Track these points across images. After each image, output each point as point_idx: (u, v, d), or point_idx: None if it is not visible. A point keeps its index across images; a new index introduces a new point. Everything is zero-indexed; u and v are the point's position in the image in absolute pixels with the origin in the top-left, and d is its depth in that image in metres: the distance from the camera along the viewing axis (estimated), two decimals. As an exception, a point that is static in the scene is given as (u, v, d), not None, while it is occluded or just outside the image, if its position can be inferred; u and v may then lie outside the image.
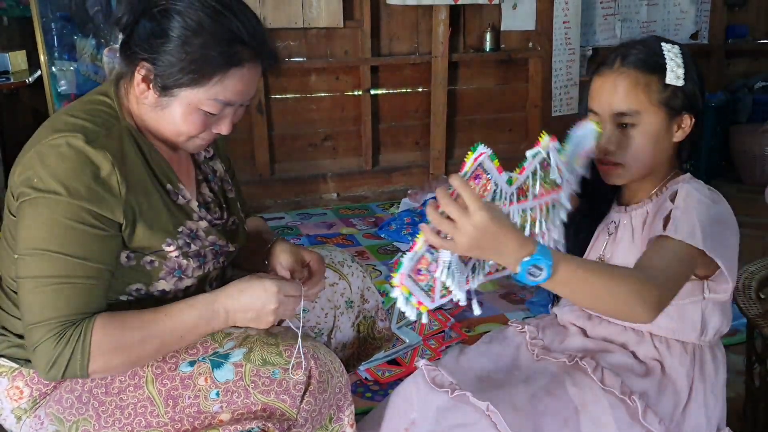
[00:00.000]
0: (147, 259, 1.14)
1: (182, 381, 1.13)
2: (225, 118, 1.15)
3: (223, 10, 1.08)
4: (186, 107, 1.11)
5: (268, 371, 1.14)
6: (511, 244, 0.93)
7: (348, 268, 1.49)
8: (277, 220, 3.59)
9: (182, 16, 1.07)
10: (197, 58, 1.07)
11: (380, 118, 4.18)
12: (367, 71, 4.01)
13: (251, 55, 1.11)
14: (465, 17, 4.15)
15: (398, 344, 2.19)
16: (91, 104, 1.15)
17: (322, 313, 1.42)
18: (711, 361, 1.30)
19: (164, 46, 1.07)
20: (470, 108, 4.33)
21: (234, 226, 1.32)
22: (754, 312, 1.52)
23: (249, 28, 1.10)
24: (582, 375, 1.23)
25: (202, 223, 1.22)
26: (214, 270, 1.25)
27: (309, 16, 3.78)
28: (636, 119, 1.21)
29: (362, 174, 4.17)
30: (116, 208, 1.07)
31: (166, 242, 1.15)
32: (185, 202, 1.20)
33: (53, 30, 3.15)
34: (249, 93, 1.15)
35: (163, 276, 1.16)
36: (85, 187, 1.04)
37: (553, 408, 1.19)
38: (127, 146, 1.12)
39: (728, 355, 2.10)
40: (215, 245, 1.23)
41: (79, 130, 1.07)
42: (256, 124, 3.87)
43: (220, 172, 1.35)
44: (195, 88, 1.09)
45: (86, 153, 1.05)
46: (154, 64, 1.08)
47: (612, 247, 1.32)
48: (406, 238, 3.23)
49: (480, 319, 2.43)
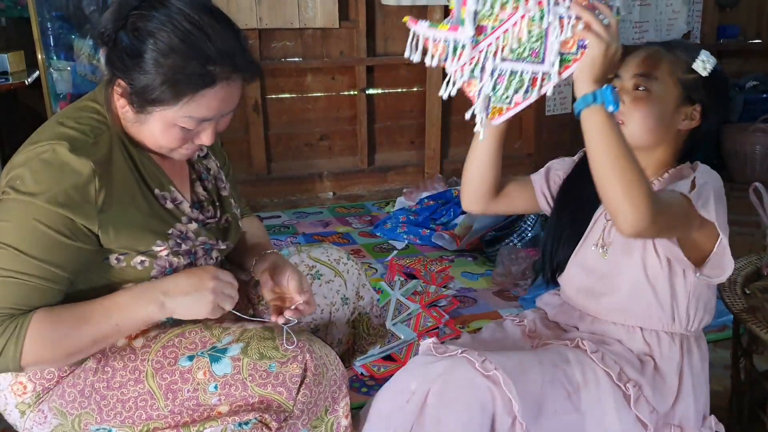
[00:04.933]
0: (137, 259, 1.17)
1: (181, 375, 1.17)
2: (205, 130, 1.17)
3: (194, 31, 1.09)
4: (162, 123, 1.13)
5: (265, 365, 1.18)
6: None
7: (344, 265, 1.52)
8: (274, 219, 3.62)
9: (154, 37, 1.08)
10: (168, 79, 1.08)
11: (376, 118, 4.21)
12: (362, 71, 4.04)
13: (226, 72, 1.11)
14: (459, 18, 4.17)
15: (393, 340, 2.23)
16: (82, 111, 1.18)
17: (318, 309, 1.45)
18: (697, 351, 1.35)
19: (137, 66, 1.09)
20: (465, 108, 4.24)
21: (227, 224, 1.35)
22: (739, 307, 1.56)
23: (221, 46, 1.10)
24: (583, 355, 1.28)
25: (192, 225, 1.24)
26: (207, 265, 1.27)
27: (304, 16, 3.81)
28: (650, 83, 1.27)
29: (358, 173, 4.20)
30: (92, 216, 1.10)
31: (156, 243, 1.17)
32: (174, 206, 1.22)
33: (50, 30, 3.16)
34: (228, 107, 1.16)
35: (154, 275, 1.19)
36: (63, 193, 1.07)
37: (558, 380, 1.22)
38: (115, 153, 1.15)
39: (716, 350, 2.17)
40: (206, 244, 1.26)
41: (65, 138, 1.11)
42: (252, 124, 3.89)
43: (214, 170, 1.37)
44: (168, 107, 1.11)
45: (68, 160, 1.09)
46: (129, 83, 1.10)
47: (611, 231, 1.34)
48: (401, 236, 3.27)
49: (474, 316, 2.47)
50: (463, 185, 1.45)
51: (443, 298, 2.57)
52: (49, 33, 3.16)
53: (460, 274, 2.85)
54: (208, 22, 1.10)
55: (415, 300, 2.53)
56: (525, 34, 1.09)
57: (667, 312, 1.30)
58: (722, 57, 4.86)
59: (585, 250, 1.38)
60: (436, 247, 3.16)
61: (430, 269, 2.88)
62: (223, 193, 1.37)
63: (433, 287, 2.67)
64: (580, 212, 1.39)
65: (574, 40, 1.08)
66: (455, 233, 3.19)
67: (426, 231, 3.26)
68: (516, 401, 1.13)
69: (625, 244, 1.30)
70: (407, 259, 2.99)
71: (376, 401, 1.28)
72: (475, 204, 1.44)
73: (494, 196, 1.41)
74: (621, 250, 1.32)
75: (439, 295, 2.59)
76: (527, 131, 4.36)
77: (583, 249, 1.38)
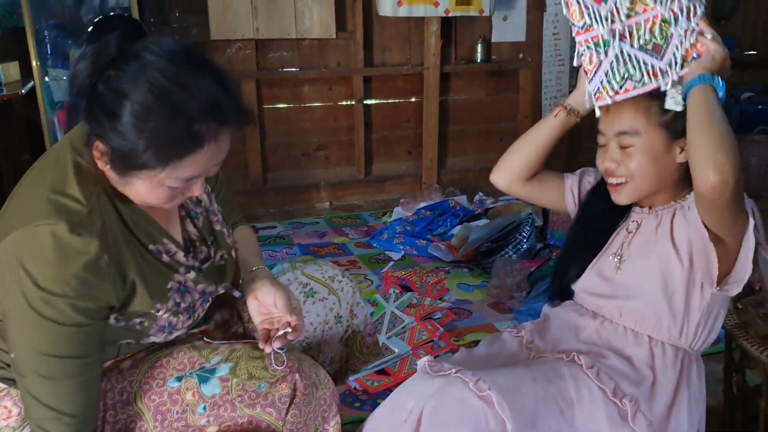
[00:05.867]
0: (136, 320, 1.13)
1: (170, 396, 1.16)
2: (194, 185, 1.10)
3: (172, 87, 0.99)
4: (148, 185, 1.05)
5: (254, 385, 1.17)
6: None
7: (338, 283, 1.50)
8: (270, 230, 3.62)
9: (129, 99, 0.98)
10: (150, 145, 0.99)
11: (373, 128, 4.22)
12: (359, 81, 4.04)
13: (212, 130, 1.02)
14: (456, 29, 4.19)
15: (387, 354, 2.22)
16: (69, 168, 1.07)
17: (311, 327, 1.44)
18: (696, 371, 1.37)
19: (114, 129, 0.99)
20: (462, 118, 4.38)
21: (222, 261, 1.29)
22: (732, 323, 1.56)
23: (205, 100, 1.00)
24: (578, 370, 1.28)
25: (190, 274, 1.18)
26: (203, 311, 1.25)
27: (302, 27, 3.82)
28: (635, 140, 1.30)
29: (355, 183, 4.20)
30: (109, 292, 1.05)
31: (155, 307, 1.13)
32: (170, 258, 1.17)
33: (47, 39, 3.16)
34: (217, 161, 1.08)
35: (153, 333, 1.16)
36: (76, 278, 1.00)
37: (552, 396, 1.23)
38: (107, 215, 1.07)
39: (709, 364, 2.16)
40: (205, 294, 1.22)
41: (62, 215, 1.01)
42: (249, 134, 3.88)
43: (204, 201, 1.30)
44: (153, 172, 1.02)
45: (72, 244, 1.00)
46: (108, 146, 1.02)
47: (630, 245, 1.38)
48: (397, 247, 3.27)
49: (469, 329, 2.46)
50: (505, 160, 1.49)
51: (438, 311, 2.57)
52: (46, 42, 3.16)
53: (455, 286, 2.85)
54: (188, 75, 1.00)
55: (410, 313, 2.53)
56: (657, 30, 1.25)
57: (677, 324, 1.32)
58: (718, 68, 4.88)
59: (604, 259, 1.41)
60: (433, 258, 3.16)
61: (426, 281, 2.88)
62: (216, 227, 1.30)
63: (429, 299, 2.67)
64: (604, 225, 1.43)
65: (691, 52, 1.25)
66: (451, 244, 3.20)
67: (423, 242, 3.26)
68: (509, 421, 1.14)
69: (645, 255, 1.34)
70: (403, 271, 2.99)
71: (374, 419, 1.28)
72: (507, 181, 1.50)
73: (528, 180, 1.48)
74: (640, 261, 1.35)
75: (434, 308, 2.59)
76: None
77: (602, 258, 1.42)
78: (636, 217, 1.41)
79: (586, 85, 1.32)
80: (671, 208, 1.35)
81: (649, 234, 1.36)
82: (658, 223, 1.35)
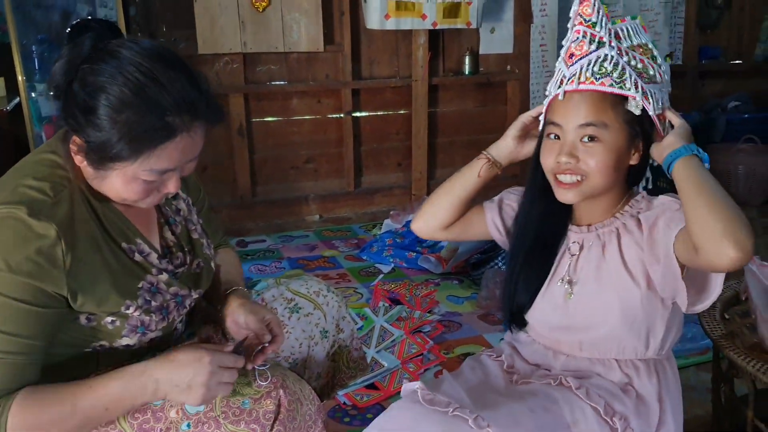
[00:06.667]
0: (108, 319, 1.14)
1: (154, 414, 1.15)
2: (169, 180, 1.13)
3: (147, 82, 1.04)
4: (123, 178, 1.09)
5: (238, 401, 1.16)
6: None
7: (323, 297, 1.50)
8: (259, 243, 3.61)
9: (105, 92, 1.03)
10: (124, 135, 1.03)
11: (362, 140, 4.23)
12: (348, 94, 4.06)
13: (185, 122, 1.07)
14: (444, 41, 4.22)
15: (377, 368, 2.21)
16: (42, 165, 1.12)
17: (296, 343, 1.43)
18: (670, 370, 1.35)
19: (91, 123, 1.04)
20: (451, 130, 4.39)
21: (198, 269, 1.31)
22: (718, 333, 1.56)
23: (178, 95, 1.05)
24: (569, 392, 1.25)
25: (162, 276, 1.20)
26: (179, 316, 1.26)
27: (289, 40, 3.83)
28: (602, 133, 1.21)
29: (344, 195, 4.20)
30: (60, 280, 1.05)
31: (125, 305, 1.14)
32: (143, 258, 1.19)
33: (35, 53, 3.16)
34: (190, 155, 1.12)
35: (126, 333, 1.16)
36: (28, 260, 1.02)
37: (549, 425, 1.20)
38: (78, 210, 1.10)
39: (698, 374, 2.17)
40: (177, 296, 1.23)
41: (24, 200, 1.05)
42: (237, 148, 3.90)
43: (184, 210, 1.33)
44: (127, 163, 1.07)
45: (29, 225, 1.03)
46: (85, 140, 1.06)
47: (578, 267, 1.32)
48: (387, 259, 3.26)
49: (458, 341, 2.46)
50: (426, 211, 1.45)
51: (428, 324, 2.56)
52: (33, 56, 3.15)
53: (445, 298, 2.84)
54: (162, 71, 1.05)
55: (399, 326, 2.52)
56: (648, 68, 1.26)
57: (642, 341, 1.29)
58: (704, 78, 4.94)
59: (552, 287, 1.35)
60: (423, 270, 3.16)
61: (416, 293, 2.87)
62: (194, 236, 1.33)
63: (418, 313, 2.66)
64: (542, 249, 1.36)
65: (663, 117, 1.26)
66: (441, 256, 3.20)
67: (412, 254, 3.26)
68: None
69: (598, 281, 1.29)
70: (393, 284, 2.98)
71: None
72: (429, 230, 1.46)
73: (450, 226, 1.44)
74: (594, 288, 1.29)
75: (424, 321, 2.58)
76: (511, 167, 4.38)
77: (550, 287, 1.35)
78: (576, 238, 1.34)
79: (564, 70, 1.25)
80: (612, 227, 1.30)
81: (597, 258, 1.30)
82: (604, 246, 1.30)
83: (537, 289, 1.36)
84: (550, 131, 1.27)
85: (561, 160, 1.23)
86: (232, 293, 1.35)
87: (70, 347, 1.15)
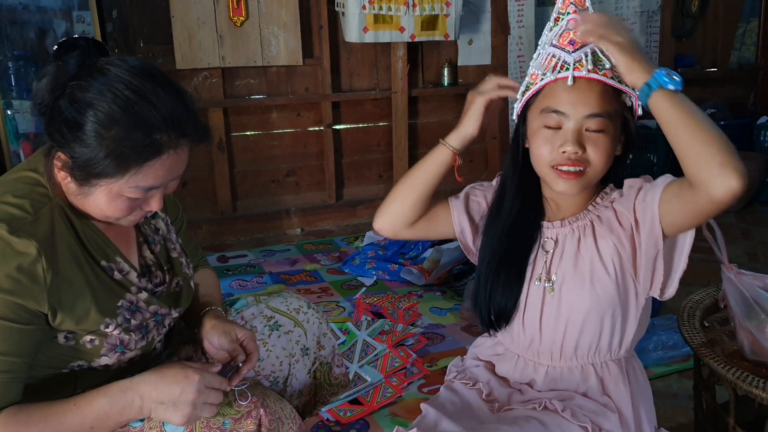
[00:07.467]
0: (87, 338, 1.13)
1: (131, 437, 1.13)
2: (152, 197, 1.14)
3: (135, 99, 1.04)
4: (108, 195, 1.09)
5: (218, 422, 1.15)
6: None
7: (304, 314, 1.48)
8: (240, 258, 3.58)
9: (93, 108, 1.03)
10: (111, 152, 1.04)
11: (343, 153, 4.23)
12: (328, 107, 4.06)
13: (172, 140, 1.08)
14: (423, 53, 4.24)
15: (360, 383, 2.20)
16: (21, 183, 1.12)
17: (277, 361, 1.42)
18: (639, 370, 1.35)
19: (78, 139, 1.04)
20: (431, 140, 4.40)
21: (178, 288, 1.31)
22: (698, 341, 1.56)
23: (166, 112, 1.06)
24: (557, 416, 1.23)
25: (142, 294, 1.20)
26: (159, 335, 1.25)
27: (268, 54, 3.83)
28: (608, 124, 1.20)
29: (326, 208, 4.19)
30: (41, 298, 1.05)
31: (104, 323, 1.13)
32: (123, 276, 1.18)
33: (11, 70, 3.13)
34: (175, 173, 1.13)
35: (104, 353, 1.15)
36: (8, 278, 1.01)
37: None
38: (58, 227, 1.10)
39: (681, 381, 2.18)
40: (157, 315, 1.22)
41: (4, 218, 1.05)
42: (216, 162, 3.87)
43: (163, 230, 1.34)
44: (113, 180, 1.07)
45: (10, 242, 1.03)
46: (70, 156, 1.06)
47: (554, 263, 1.29)
48: (369, 272, 3.25)
49: (442, 353, 2.45)
50: (388, 207, 1.40)
51: (411, 337, 2.55)
52: (10, 73, 3.13)
53: (428, 310, 2.84)
54: (151, 88, 1.06)
55: (382, 340, 2.51)
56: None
57: (617, 337, 1.28)
58: (680, 85, 5.00)
59: (530, 287, 1.30)
60: (405, 283, 3.15)
61: (399, 306, 2.86)
62: (173, 255, 1.33)
63: (401, 326, 2.65)
64: (518, 249, 1.31)
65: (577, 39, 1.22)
66: (423, 267, 3.19)
67: (395, 266, 3.25)
68: None
69: (575, 273, 1.26)
70: (375, 297, 2.97)
71: None
72: (393, 228, 1.40)
73: (414, 222, 1.40)
74: (571, 280, 1.27)
75: (407, 334, 2.57)
76: (492, 162, 4.41)
77: (529, 287, 1.31)
78: (550, 234, 1.30)
79: (565, 55, 1.20)
80: (586, 219, 1.28)
81: (573, 252, 1.27)
82: (579, 239, 1.27)
83: (519, 292, 1.31)
84: (548, 121, 1.22)
85: (568, 149, 1.19)
86: (205, 314, 1.34)
87: (48, 368, 1.14)
